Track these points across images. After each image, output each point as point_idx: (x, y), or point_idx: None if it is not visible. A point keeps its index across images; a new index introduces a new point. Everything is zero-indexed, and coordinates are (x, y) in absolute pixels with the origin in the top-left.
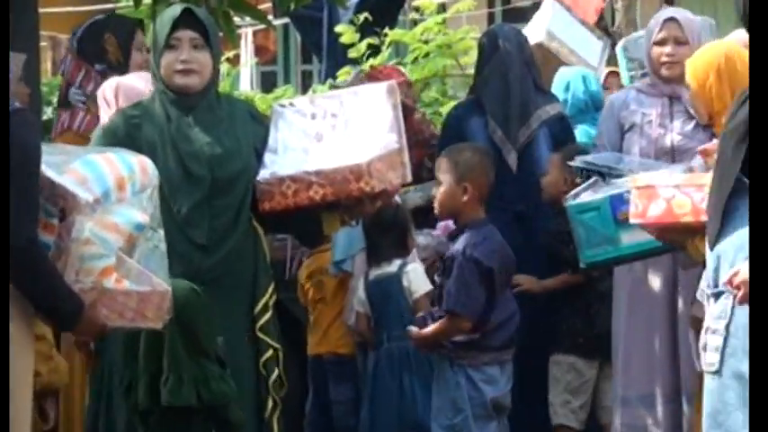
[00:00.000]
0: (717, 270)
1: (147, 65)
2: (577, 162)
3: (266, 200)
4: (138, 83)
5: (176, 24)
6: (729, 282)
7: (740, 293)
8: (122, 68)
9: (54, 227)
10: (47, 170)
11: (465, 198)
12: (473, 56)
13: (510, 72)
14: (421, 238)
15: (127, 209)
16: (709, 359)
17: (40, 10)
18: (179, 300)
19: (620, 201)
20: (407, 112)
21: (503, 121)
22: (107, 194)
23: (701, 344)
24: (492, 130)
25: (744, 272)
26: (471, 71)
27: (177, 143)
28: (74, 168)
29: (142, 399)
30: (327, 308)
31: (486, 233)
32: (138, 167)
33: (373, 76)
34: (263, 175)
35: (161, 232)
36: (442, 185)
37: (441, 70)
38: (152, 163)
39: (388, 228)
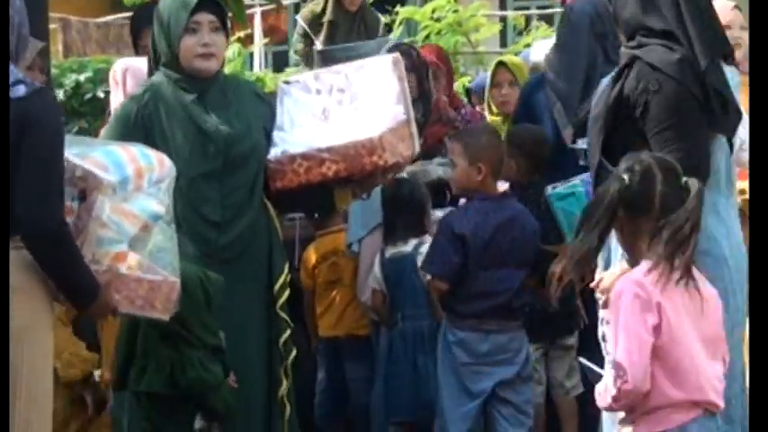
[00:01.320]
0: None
1: None
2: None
3: (278, 178)
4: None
5: (195, 8)
6: (596, 285)
7: (603, 299)
8: None
9: (73, 210)
10: (67, 153)
11: (479, 177)
12: (484, 33)
13: (567, 45)
14: (438, 212)
15: (144, 198)
16: (610, 349)
17: None
18: None
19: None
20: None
21: (559, 95)
22: (125, 182)
23: (599, 334)
24: (552, 103)
25: (606, 280)
26: (482, 48)
27: (190, 124)
28: (93, 156)
29: (114, 382)
30: (345, 289)
31: (476, 205)
32: (156, 160)
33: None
34: (274, 153)
35: (173, 227)
36: (457, 167)
37: (452, 47)
38: (168, 158)
39: (405, 207)
